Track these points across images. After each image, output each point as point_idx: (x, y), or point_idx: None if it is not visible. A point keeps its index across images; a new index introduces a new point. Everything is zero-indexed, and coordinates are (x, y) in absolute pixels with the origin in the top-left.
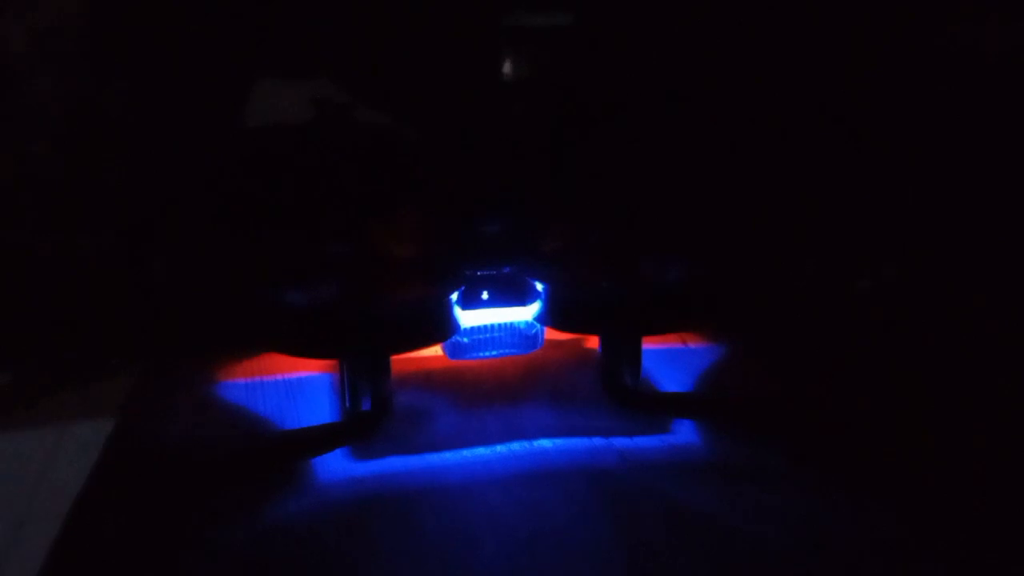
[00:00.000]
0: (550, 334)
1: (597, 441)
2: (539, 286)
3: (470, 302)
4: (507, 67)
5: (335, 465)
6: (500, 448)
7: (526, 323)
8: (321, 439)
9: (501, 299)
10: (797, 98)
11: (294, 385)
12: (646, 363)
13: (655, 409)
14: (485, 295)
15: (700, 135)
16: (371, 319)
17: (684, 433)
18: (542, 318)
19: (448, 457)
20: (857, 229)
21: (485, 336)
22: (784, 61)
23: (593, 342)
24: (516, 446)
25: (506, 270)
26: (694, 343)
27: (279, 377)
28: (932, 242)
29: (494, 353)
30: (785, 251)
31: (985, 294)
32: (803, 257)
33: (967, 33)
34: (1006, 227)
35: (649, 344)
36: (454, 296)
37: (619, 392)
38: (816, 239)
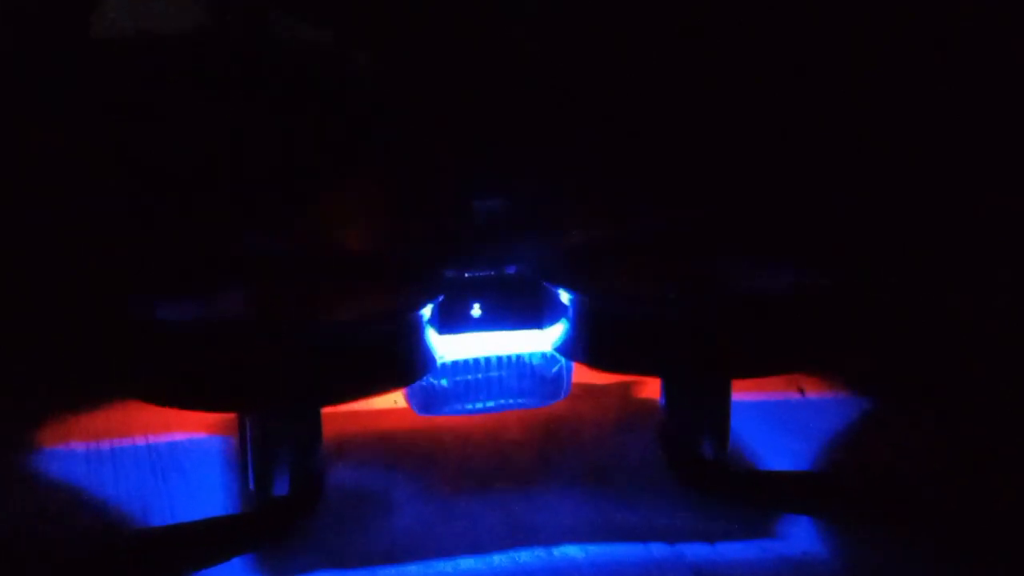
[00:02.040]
0: (581, 374)
1: (657, 549)
2: (564, 297)
3: (453, 322)
4: None
5: None
6: (499, 559)
7: (542, 357)
8: (210, 541)
9: (502, 317)
10: None
11: (165, 453)
12: (737, 423)
13: (750, 497)
14: (477, 310)
15: (816, 59)
16: (291, 350)
17: (798, 536)
18: (568, 348)
19: (413, 573)
20: None
21: (476, 377)
22: None
23: (651, 388)
24: (525, 556)
25: (511, 270)
26: (814, 391)
27: (141, 441)
28: None
29: (490, 405)
30: (970, 251)
31: None
32: (997, 266)
33: None
34: None
35: (742, 392)
36: (426, 312)
37: (692, 470)
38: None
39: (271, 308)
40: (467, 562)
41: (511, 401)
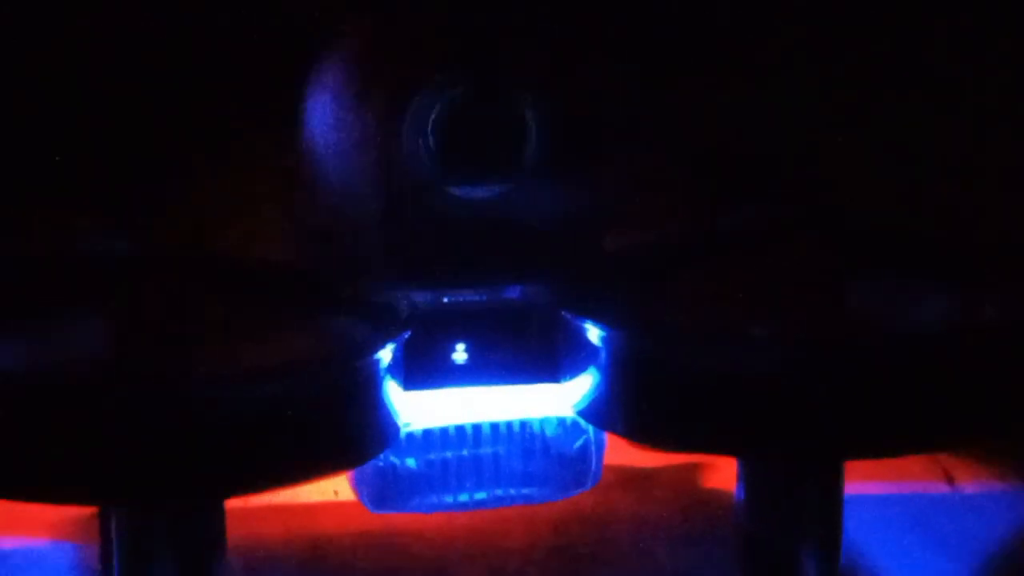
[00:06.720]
0: (617, 453)
1: None
2: (593, 334)
3: (425, 371)
4: None
5: None
6: None
7: (559, 425)
8: None
9: (499, 365)
10: None
11: None
12: (853, 526)
13: None
14: (461, 354)
15: None
16: (176, 413)
17: None
18: (599, 413)
19: None
20: None
21: (459, 455)
22: None
23: (724, 475)
24: None
25: (512, 293)
26: (970, 484)
27: None
28: None
29: (480, 498)
30: None
31: None
32: None
33: None
34: None
35: (861, 482)
36: (384, 357)
37: None
38: None
39: (138, 346)
40: None
41: (512, 492)
